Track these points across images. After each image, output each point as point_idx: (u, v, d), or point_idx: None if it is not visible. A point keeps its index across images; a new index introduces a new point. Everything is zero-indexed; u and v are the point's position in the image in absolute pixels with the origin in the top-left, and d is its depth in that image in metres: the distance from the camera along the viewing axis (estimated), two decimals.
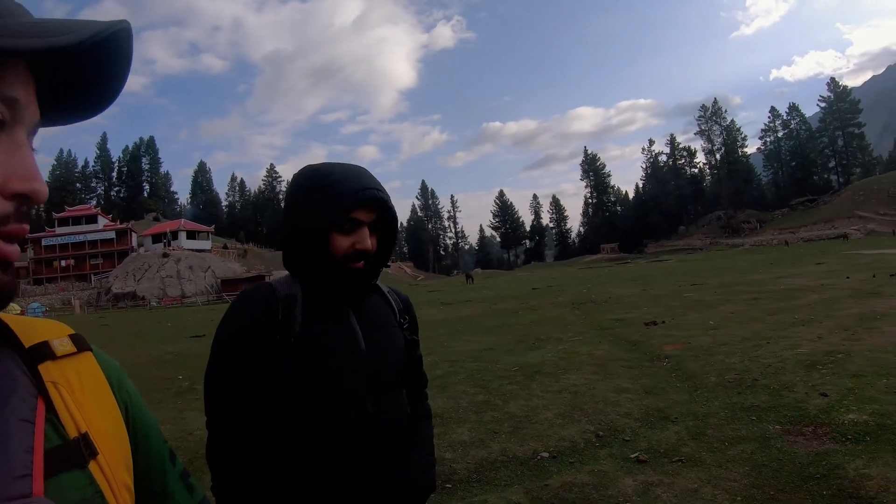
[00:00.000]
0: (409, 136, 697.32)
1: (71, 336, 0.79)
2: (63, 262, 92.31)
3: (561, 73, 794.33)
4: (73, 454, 0.68)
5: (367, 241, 1.77)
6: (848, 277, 22.26)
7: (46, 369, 0.72)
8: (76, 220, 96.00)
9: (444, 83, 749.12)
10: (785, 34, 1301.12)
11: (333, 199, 1.72)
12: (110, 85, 0.70)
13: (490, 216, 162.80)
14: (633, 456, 5.62)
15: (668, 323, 14.30)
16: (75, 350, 0.77)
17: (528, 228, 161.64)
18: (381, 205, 1.79)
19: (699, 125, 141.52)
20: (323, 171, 1.80)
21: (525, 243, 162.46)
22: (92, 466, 0.69)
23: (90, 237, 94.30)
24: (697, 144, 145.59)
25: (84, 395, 0.74)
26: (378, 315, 1.90)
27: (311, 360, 1.72)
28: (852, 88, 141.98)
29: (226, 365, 1.72)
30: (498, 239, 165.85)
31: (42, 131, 0.69)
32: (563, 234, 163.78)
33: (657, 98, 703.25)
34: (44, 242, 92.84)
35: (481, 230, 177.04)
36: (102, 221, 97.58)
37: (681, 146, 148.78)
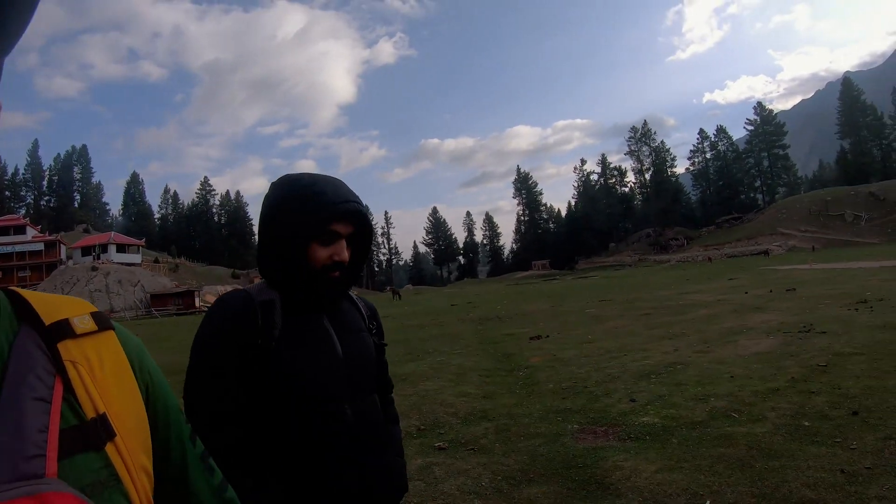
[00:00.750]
0: (348, 150, 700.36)
1: (93, 314, 0.77)
2: None
3: (501, 92, 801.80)
4: (89, 435, 0.66)
5: (345, 252, 1.82)
6: (746, 293, 23.19)
7: (66, 348, 0.70)
8: (4, 231, 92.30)
9: (384, 99, 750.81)
10: (718, 59, 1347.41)
11: (314, 210, 1.75)
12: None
13: (424, 233, 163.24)
14: (436, 444, 6.43)
15: (551, 337, 15.07)
16: (96, 328, 0.76)
17: (461, 245, 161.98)
18: (359, 218, 1.84)
19: (629, 146, 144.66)
20: (304, 181, 1.83)
21: (458, 260, 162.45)
22: (109, 448, 0.68)
23: (18, 248, 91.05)
24: (628, 164, 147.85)
25: (104, 376, 0.72)
26: (351, 320, 1.95)
27: (292, 364, 1.74)
28: (782, 112, 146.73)
29: (207, 370, 1.70)
30: (432, 255, 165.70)
31: None
32: (496, 250, 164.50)
33: (594, 118, 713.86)
34: None
35: (415, 246, 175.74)
36: (31, 233, 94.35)
37: (612, 166, 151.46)
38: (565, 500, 4.75)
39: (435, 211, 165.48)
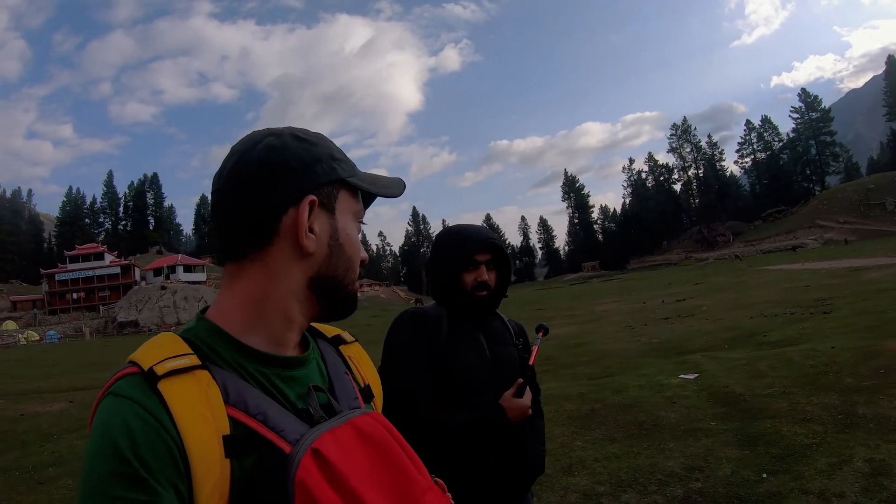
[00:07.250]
0: (418, 157, 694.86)
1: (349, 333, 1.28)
2: (75, 295, 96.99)
3: (567, 90, 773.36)
4: (367, 394, 1.16)
5: (485, 275, 2.40)
6: (645, 303, 25.76)
7: (344, 349, 1.21)
8: (85, 258, 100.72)
9: (453, 105, 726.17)
10: (785, 41, 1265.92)
11: (462, 247, 2.39)
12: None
13: None
14: None
15: None
16: (354, 340, 1.27)
17: (517, 249, 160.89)
18: (495, 249, 2.45)
19: (670, 143, 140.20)
20: (454, 230, 2.53)
21: (515, 263, 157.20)
22: (373, 402, 1.18)
23: (98, 272, 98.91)
24: (678, 160, 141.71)
25: (361, 365, 1.22)
26: (499, 335, 2.52)
27: (454, 360, 2.32)
28: (854, 90, 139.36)
29: (403, 361, 2.31)
30: None
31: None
32: (551, 252, 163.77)
33: (663, 110, 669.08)
34: (57, 277, 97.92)
35: None
36: (108, 258, 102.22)
37: (660, 163, 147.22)
38: None
39: (488, 217, 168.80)
